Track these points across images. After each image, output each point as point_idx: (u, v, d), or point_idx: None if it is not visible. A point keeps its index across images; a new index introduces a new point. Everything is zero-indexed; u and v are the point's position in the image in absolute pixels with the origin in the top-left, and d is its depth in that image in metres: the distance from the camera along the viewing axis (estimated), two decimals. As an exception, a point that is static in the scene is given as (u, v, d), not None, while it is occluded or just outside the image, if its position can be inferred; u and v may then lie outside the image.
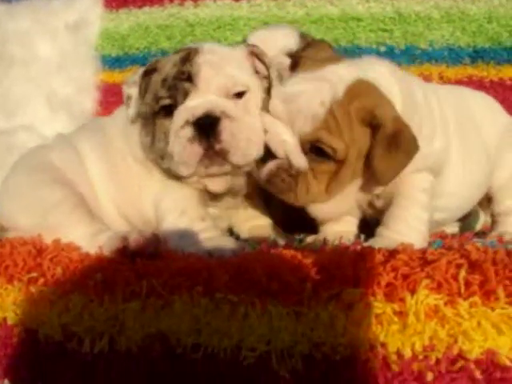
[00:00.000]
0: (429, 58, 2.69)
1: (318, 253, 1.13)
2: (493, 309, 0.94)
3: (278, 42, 1.73)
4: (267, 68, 1.48)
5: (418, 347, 0.94)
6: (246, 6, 2.95)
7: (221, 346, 1.03)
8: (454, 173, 1.53)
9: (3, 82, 3.24)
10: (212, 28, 2.97)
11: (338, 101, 1.28)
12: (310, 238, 1.49)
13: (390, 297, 0.98)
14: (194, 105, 1.36)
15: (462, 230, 1.85)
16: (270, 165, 1.36)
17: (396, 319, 0.96)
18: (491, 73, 2.58)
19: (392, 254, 1.06)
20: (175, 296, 1.06)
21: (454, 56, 2.66)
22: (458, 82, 2.55)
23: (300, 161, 1.32)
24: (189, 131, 1.35)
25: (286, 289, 1.02)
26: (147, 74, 1.48)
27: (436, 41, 2.69)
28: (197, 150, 1.34)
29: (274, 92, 1.41)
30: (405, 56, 2.69)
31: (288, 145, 1.33)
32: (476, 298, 0.94)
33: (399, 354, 0.95)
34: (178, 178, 1.43)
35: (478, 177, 1.66)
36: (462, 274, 0.96)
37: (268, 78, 1.48)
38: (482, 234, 1.81)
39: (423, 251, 1.07)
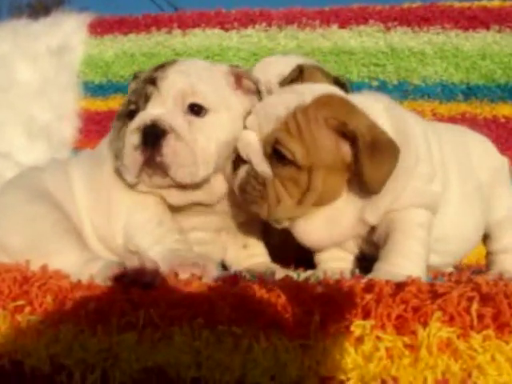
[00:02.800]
0: (422, 93, 2.77)
1: (324, 285, 1.13)
2: (507, 342, 0.95)
3: (276, 69, 1.78)
4: (255, 83, 1.54)
5: (431, 382, 0.94)
6: (235, 37, 3.01)
7: (223, 381, 1.01)
8: (452, 214, 1.57)
9: (-21, 106, 3.23)
10: (200, 58, 2.99)
11: (303, 107, 1.34)
12: (307, 273, 1.50)
13: (400, 330, 0.98)
14: (149, 112, 1.42)
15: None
16: (241, 171, 1.41)
17: (407, 353, 0.96)
18: (485, 110, 2.66)
19: (400, 286, 1.07)
20: (174, 328, 1.05)
21: (447, 92, 2.74)
22: (452, 119, 2.62)
23: (261, 164, 1.37)
24: (136, 138, 1.41)
25: (293, 321, 1.02)
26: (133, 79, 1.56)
27: (429, 77, 2.77)
28: (138, 157, 1.41)
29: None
30: (397, 91, 2.77)
31: (250, 146, 1.39)
32: (489, 331, 0.96)
33: (411, 389, 0.95)
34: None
35: (475, 218, 1.70)
36: (475, 306, 0.98)
37: (259, 93, 1.54)
38: (478, 271, 1.84)
39: (432, 284, 1.09)
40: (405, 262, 1.39)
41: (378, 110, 1.43)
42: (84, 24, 3.28)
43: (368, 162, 1.31)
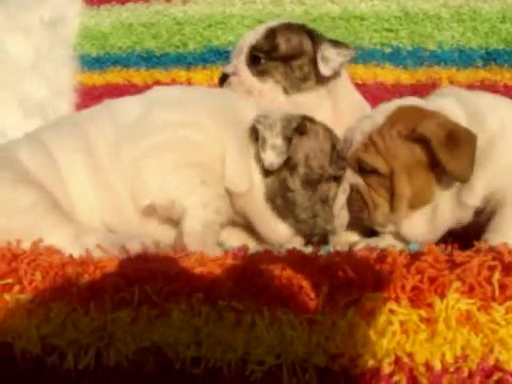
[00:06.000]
0: (438, 60, 2.69)
1: (333, 255, 1.10)
2: (532, 314, 0.92)
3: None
4: None
5: (449, 358, 0.92)
6: (239, 3, 2.94)
7: (224, 360, 0.99)
8: None
9: (-30, 83, 3.21)
10: (202, 26, 2.96)
11: (377, 128, 1.57)
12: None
13: (416, 302, 0.96)
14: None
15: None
16: (341, 193, 1.61)
17: (423, 327, 0.94)
18: (505, 76, 2.59)
19: (415, 256, 1.04)
20: (172, 304, 1.03)
21: (464, 58, 2.67)
22: (470, 87, 2.54)
23: (353, 177, 1.60)
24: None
25: (299, 294, 0.99)
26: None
27: (445, 42, 2.70)
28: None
29: None
30: (412, 58, 2.70)
31: None
32: (513, 303, 0.93)
33: (428, 366, 0.93)
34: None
35: None
36: (496, 276, 0.95)
37: None
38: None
39: (449, 253, 1.06)
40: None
41: (450, 103, 1.60)
42: (79, -7, 3.23)
43: (447, 156, 1.45)
